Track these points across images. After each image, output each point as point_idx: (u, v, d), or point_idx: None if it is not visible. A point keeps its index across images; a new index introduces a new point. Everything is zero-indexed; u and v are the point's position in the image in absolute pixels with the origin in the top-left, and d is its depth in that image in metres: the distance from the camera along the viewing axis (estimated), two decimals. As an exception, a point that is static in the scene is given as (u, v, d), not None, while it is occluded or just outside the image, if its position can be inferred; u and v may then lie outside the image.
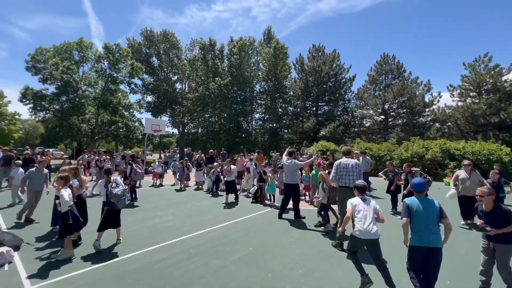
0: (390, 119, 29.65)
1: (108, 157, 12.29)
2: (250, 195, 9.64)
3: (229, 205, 8.26)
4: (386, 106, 28.69)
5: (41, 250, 4.59)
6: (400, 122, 29.33)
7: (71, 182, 4.47)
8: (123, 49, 27.34)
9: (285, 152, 7.12)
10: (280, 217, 6.78)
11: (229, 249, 4.75)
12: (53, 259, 4.20)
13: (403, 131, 24.89)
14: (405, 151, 17.57)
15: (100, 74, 27.17)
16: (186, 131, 37.12)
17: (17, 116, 37.00)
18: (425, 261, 3.05)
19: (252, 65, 30.49)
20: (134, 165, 8.74)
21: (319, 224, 6.06)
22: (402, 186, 7.46)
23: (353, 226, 3.54)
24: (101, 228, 4.71)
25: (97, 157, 12.06)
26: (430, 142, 17.24)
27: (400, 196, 7.62)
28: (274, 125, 29.74)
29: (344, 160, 5.33)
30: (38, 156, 13.13)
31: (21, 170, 8.92)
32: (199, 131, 36.85)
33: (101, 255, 4.42)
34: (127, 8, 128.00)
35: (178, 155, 22.44)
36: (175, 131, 41.21)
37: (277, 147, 27.49)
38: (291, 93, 31.11)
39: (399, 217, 6.92)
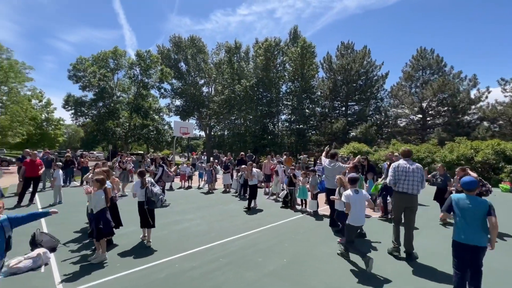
0: (428, 118, 27.34)
1: (129, 158, 12.52)
2: (279, 199, 9.21)
3: (257, 210, 7.90)
4: (424, 104, 26.52)
5: (75, 252, 4.60)
6: (440, 121, 26.92)
7: (106, 185, 4.43)
8: (154, 55, 28.61)
9: (324, 154, 6.57)
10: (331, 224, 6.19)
11: (261, 260, 4.37)
12: (87, 262, 4.16)
13: (445, 131, 22.72)
14: (450, 152, 15.93)
15: (133, 80, 28.63)
16: (212, 133, 37.72)
17: (61, 122, 40.44)
18: (467, 260, 3.00)
19: (278, 65, 30.05)
20: (165, 167, 8.79)
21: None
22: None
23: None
24: (146, 225, 5.01)
25: (119, 159, 12.24)
26: (479, 143, 15.42)
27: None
28: (301, 126, 28.93)
29: (403, 162, 4.66)
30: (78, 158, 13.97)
31: (60, 171, 9.55)
32: (225, 133, 37.21)
33: (132, 260, 4.30)
34: (157, 17, 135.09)
35: (205, 157, 22.72)
36: (202, 133, 42.18)
37: (304, 149, 26.70)
38: (319, 93, 30.10)
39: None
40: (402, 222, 4.69)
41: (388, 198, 7.03)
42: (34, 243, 4.48)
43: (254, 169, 8.56)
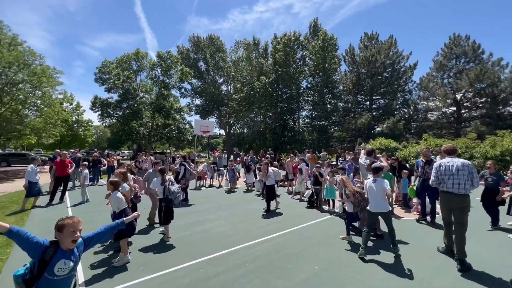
0: (463, 111, 25.23)
1: (146, 158, 12.53)
2: (304, 199, 8.77)
3: (282, 211, 7.52)
4: (459, 96, 24.48)
5: (99, 254, 4.53)
6: (477, 113, 24.71)
7: (120, 188, 4.30)
8: (174, 56, 29.08)
9: (363, 151, 6.19)
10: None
11: (290, 267, 4.02)
12: (111, 265, 4.06)
13: (483, 124, 20.78)
14: (492, 148, 14.45)
15: (155, 81, 29.31)
16: (232, 131, 37.79)
17: (90, 123, 42.64)
18: None
19: (298, 60, 29.24)
20: (187, 166, 8.72)
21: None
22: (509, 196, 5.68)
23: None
24: (166, 222, 5.02)
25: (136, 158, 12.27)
26: (528, 136, 13.83)
27: (503, 209, 5.91)
28: (323, 122, 27.95)
29: (446, 161, 4.23)
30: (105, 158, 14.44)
31: (86, 170, 9.79)
32: (245, 131, 37.10)
33: (155, 263, 4.13)
34: (176, 19, 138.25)
35: (226, 156, 22.70)
36: (222, 132, 42.48)
37: (326, 146, 25.79)
38: (341, 88, 28.91)
39: (510, 235, 5.30)
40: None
41: (427, 198, 6.35)
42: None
43: (271, 168, 8.06)
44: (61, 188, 8.93)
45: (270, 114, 30.60)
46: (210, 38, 37.24)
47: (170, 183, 5.04)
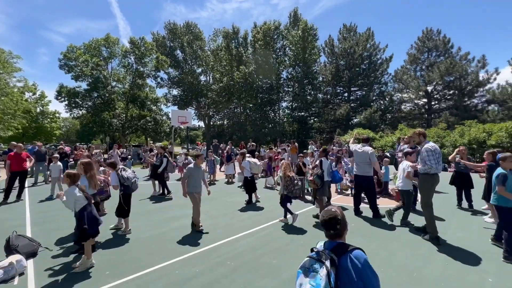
0: (434, 102, 26.50)
1: (99, 150, 11.46)
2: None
3: (264, 203, 7.27)
4: (430, 88, 25.61)
5: (59, 258, 3.95)
6: (445, 105, 26.08)
7: (79, 182, 3.71)
8: (148, 43, 27.32)
9: (352, 139, 6.31)
10: (357, 213, 5.97)
11: (275, 262, 3.74)
12: (71, 271, 3.52)
13: (452, 115, 21.95)
14: (460, 136, 15.25)
15: (128, 69, 27.50)
16: (211, 123, 36.88)
17: (57, 114, 39.41)
18: None
19: (278, 50, 28.82)
20: (169, 158, 8.19)
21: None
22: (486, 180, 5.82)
23: None
24: (127, 214, 4.88)
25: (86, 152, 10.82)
26: (492, 126, 14.72)
27: (476, 192, 6.14)
28: (303, 113, 28.02)
29: (433, 144, 4.41)
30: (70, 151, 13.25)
31: (59, 163, 8.98)
32: (225, 122, 36.35)
33: (124, 266, 3.66)
34: (151, 6, 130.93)
35: (205, 148, 22.01)
36: (201, 124, 41.32)
37: (306, 137, 25.97)
38: (320, 79, 29.06)
39: (485, 218, 5.46)
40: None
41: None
42: (9, 249, 3.83)
43: (248, 159, 7.67)
44: (18, 184, 7.96)
45: (251, 105, 30.15)
46: (188, 26, 35.54)
47: (121, 170, 4.87)
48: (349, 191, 8.10)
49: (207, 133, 37.00)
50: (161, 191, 8.28)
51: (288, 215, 5.43)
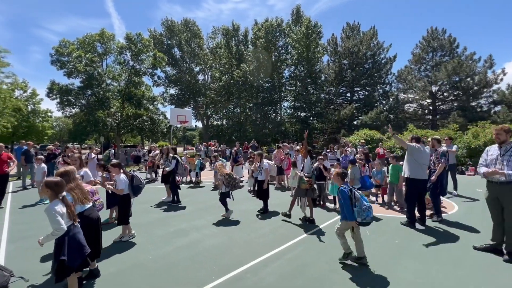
0: (439, 103, 25.96)
1: (76, 151, 9.75)
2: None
3: (278, 211, 6.37)
4: (435, 88, 25.06)
5: (35, 292, 3.02)
6: (448, 106, 25.58)
7: (64, 194, 2.76)
8: (145, 39, 26.22)
9: (410, 138, 5.36)
10: (413, 224, 5.10)
11: (321, 299, 2.86)
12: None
13: (460, 116, 21.37)
14: (474, 138, 14.58)
15: (123, 66, 26.37)
16: (210, 123, 35.90)
17: (49, 113, 37.92)
18: None
19: (280, 48, 27.99)
20: (179, 159, 7.23)
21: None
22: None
23: None
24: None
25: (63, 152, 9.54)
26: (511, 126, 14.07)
27: None
28: (306, 113, 27.19)
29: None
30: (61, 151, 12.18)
31: (43, 165, 8.14)
32: (224, 123, 35.42)
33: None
34: (146, 5, 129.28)
35: (205, 148, 21.04)
36: (199, 124, 40.29)
37: (309, 138, 25.14)
38: (323, 78, 28.33)
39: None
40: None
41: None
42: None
43: (266, 161, 6.80)
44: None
45: (251, 104, 29.27)
46: (186, 23, 34.59)
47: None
48: (374, 198, 7.27)
49: (205, 133, 35.97)
50: (171, 198, 7.29)
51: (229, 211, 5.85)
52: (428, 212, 5.50)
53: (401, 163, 6.14)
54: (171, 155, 7.23)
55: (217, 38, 35.22)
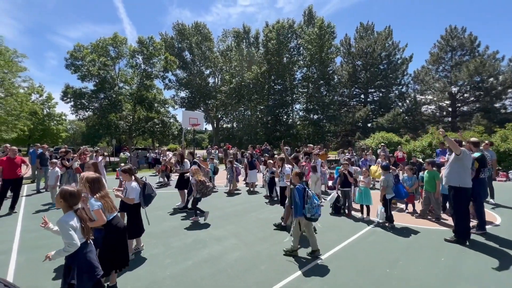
0: (459, 104, 24.86)
1: (75, 155, 9.01)
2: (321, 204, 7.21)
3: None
4: (455, 89, 24.01)
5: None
6: (468, 108, 24.43)
7: (79, 206, 2.42)
8: (157, 42, 26.45)
9: (469, 143, 5.03)
10: (467, 237, 4.52)
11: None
12: None
13: (484, 118, 20.31)
14: (503, 141, 13.68)
15: (135, 70, 26.62)
16: (220, 126, 35.77)
17: (63, 117, 38.73)
18: None
19: (292, 50, 27.58)
20: (200, 163, 6.89)
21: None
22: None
23: None
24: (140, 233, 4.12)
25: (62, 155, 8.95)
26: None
27: None
28: (319, 116, 26.56)
29: None
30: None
31: (57, 169, 7.95)
32: (234, 125, 35.19)
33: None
34: (157, 10, 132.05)
35: (216, 152, 20.74)
36: (209, 127, 40.26)
37: (321, 140, 24.53)
38: (336, 80, 27.69)
39: None
40: None
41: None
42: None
43: (287, 166, 6.35)
44: (12, 193, 6.82)
45: (262, 107, 28.91)
46: (196, 26, 34.73)
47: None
48: (403, 206, 6.70)
49: (215, 136, 35.85)
50: (183, 204, 6.92)
51: (200, 216, 5.75)
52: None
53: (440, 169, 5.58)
54: (189, 160, 6.90)
55: (228, 41, 35.21)
